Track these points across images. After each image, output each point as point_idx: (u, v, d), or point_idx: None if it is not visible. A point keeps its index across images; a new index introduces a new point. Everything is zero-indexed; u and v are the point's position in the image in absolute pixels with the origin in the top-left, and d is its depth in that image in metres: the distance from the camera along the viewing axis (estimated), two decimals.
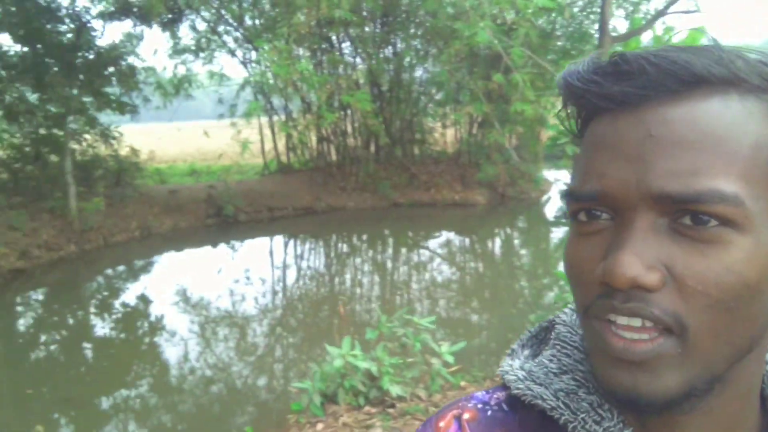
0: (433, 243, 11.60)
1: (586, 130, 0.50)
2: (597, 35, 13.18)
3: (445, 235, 12.04)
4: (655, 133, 0.44)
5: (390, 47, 14.88)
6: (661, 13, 13.35)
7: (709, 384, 0.46)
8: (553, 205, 14.36)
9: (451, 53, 11.71)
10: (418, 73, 15.48)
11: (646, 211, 0.44)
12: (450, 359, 3.89)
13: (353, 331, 4.40)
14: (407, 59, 14.78)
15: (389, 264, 10.29)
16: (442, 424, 0.59)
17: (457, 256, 10.74)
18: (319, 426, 3.58)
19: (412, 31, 14.62)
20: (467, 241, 11.73)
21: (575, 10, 14.33)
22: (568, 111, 0.52)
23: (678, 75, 0.44)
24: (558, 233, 12.60)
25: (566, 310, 0.63)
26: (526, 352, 0.63)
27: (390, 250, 11.29)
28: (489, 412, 0.58)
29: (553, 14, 13.14)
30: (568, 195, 0.49)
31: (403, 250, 11.13)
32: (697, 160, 0.42)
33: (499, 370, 0.61)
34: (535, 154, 14.76)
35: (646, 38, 17.24)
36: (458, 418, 0.58)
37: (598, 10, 12.97)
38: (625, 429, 0.50)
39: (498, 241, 12.04)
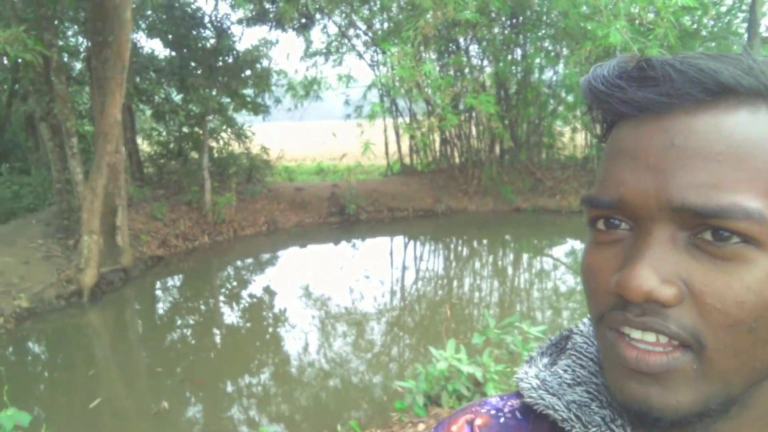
0: (556, 251, 11.19)
1: (609, 135, 0.49)
2: (747, 35, 12.16)
3: (570, 243, 11.58)
4: (678, 142, 0.42)
5: (518, 48, 14.55)
6: None
7: (725, 405, 0.44)
8: None
9: (582, 54, 11.24)
10: (548, 75, 15.01)
11: (665, 223, 0.43)
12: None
13: (464, 335, 4.33)
14: (536, 60, 14.38)
15: (509, 270, 10.07)
16: (454, 428, 0.59)
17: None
18: (421, 426, 3.56)
19: (542, 32, 14.21)
20: None
21: (722, 9, 13.23)
22: (593, 115, 0.51)
23: (704, 84, 0.42)
24: None
25: (585, 320, 0.61)
26: (545, 360, 0.62)
27: (510, 256, 11.03)
28: (502, 419, 0.58)
29: (698, 13, 12.22)
30: (587, 201, 0.48)
31: (525, 257, 10.84)
32: (721, 173, 0.41)
33: (515, 378, 0.60)
34: None
35: None
36: (470, 423, 0.59)
37: (748, 8, 11.95)
38: None
39: None
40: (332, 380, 5.64)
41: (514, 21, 13.98)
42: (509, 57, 14.34)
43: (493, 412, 0.60)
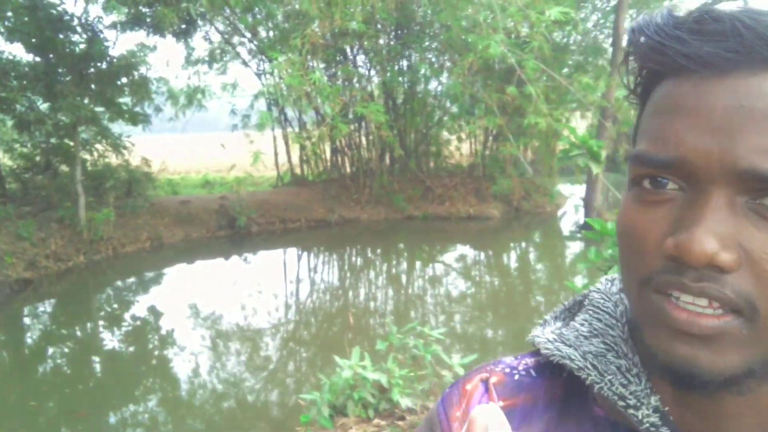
0: (447, 257, 11.43)
1: (655, 90, 0.47)
2: (611, 49, 13.14)
3: (460, 248, 11.87)
4: (747, 103, 0.41)
5: (404, 59, 14.82)
6: None
7: (766, 368, 0.45)
8: (568, 220, 14.16)
9: (464, 66, 11.61)
10: (433, 85, 15.41)
11: (725, 186, 0.41)
12: (461, 371, 3.85)
13: (365, 344, 4.26)
14: (422, 71, 14.71)
15: (403, 277, 10.13)
16: (469, 386, 0.60)
17: (472, 270, 10.56)
18: None
19: (426, 43, 14.57)
20: (482, 254, 11.56)
21: (589, 24, 14.22)
22: (629, 67, 0.49)
23: None
24: (574, 248, 12.39)
25: (602, 279, 0.62)
26: (558, 324, 0.62)
27: (404, 264, 11.13)
28: (516, 377, 0.59)
29: (567, 28, 13.04)
30: (635, 158, 0.46)
31: (417, 264, 10.97)
32: None
33: (530, 336, 0.61)
34: (550, 167, 14.62)
35: None
36: (485, 381, 0.59)
37: (611, 24, 12.92)
38: (653, 395, 0.49)
39: (513, 255, 11.86)
40: (227, 402, 5.36)
41: (400, 32, 14.23)
42: (396, 67, 14.57)
43: (507, 370, 0.60)
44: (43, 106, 11.06)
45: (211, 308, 8.06)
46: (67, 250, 9.96)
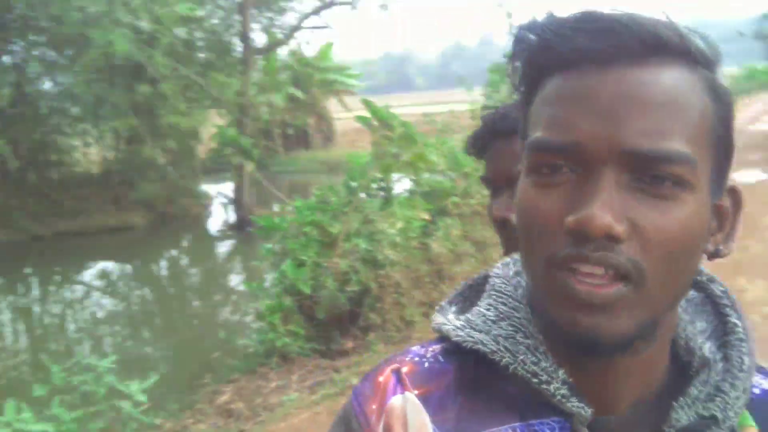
0: (88, 275, 10.32)
1: (543, 83, 0.51)
2: (240, 47, 13.52)
3: (102, 265, 10.82)
4: (628, 92, 0.47)
5: (8, 56, 12.73)
6: (296, 28, 14.36)
7: (651, 329, 0.51)
8: (216, 220, 14.11)
9: (86, 63, 10.56)
10: (47, 85, 13.61)
11: (614, 165, 0.47)
12: (142, 398, 3.66)
13: (20, 393, 3.55)
14: (30, 70, 12.86)
15: (37, 308, 8.77)
16: (381, 378, 0.60)
17: (121, 287, 9.75)
18: None
19: (34, 37, 12.77)
20: (129, 267, 10.76)
21: (215, 21, 14.28)
22: (515, 65, 0.54)
23: (645, 39, 0.47)
24: (224, 247, 12.46)
25: (499, 264, 0.65)
26: (454, 308, 0.66)
27: (36, 292, 9.66)
28: (426, 364, 0.60)
29: (192, 25, 12.91)
30: (533, 145, 0.50)
31: (53, 289, 9.63)
32: (664, 122, 0.47)
33: (433, 325, 0.63)
34: (192, 168, 14.35)
35: (284, 51, 18.47)
36: (397, 372, 0.59)
37: (237, 23, 13.30)
38: (559, 369, 0.54)
39: (164, 264, 11.34)
40: None
41: None
42: None
43: (416, 359, 0.61)
44: None
45: None
46: None
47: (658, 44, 0.48)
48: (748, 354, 0.59)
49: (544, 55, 0.50)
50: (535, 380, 0.54)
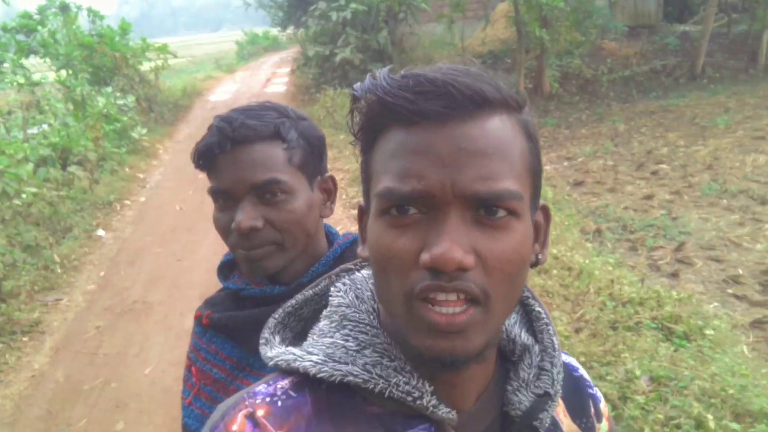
0: None
1: (383, 136, 0.58)
2: None
3: None
4: (464, 145, 0.54)
5: None
6: None
7: (493, 341, 0.62)
8: None
9: None
10: None
11: (458, 206, 0.54)
12: None
13: None
14: None
15: None
16: (235, 427, 0.59)
17: None
18: None
19: None
20: None
21: None
22: (354, 120, 0.60)
23: (474, 98, 0.54)
24: None
25: (334, 294, 0.69)
26: (278, 338, 0.70)
27: None
28: (279, 403, 0.61)
29: None
30: (384, 194, 0.56)
31: None
32: (494, 166, 0.54)
33: (279, 360, 0.65)
34: None
35: None
36: (251, 417, 0.59)
37: None
38: (426, 383, 0.60)
39: None
40: None
41: None
42: None
43: (268, 398, 0.61)
44: None
45: None
46: None
47: (484, 101, 0.55)
48: (555, 334, 0.72)
49: (388, 114, 0.56)
50: (409, 398, 0.60)
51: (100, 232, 6.60)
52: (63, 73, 11.71)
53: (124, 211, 7.41)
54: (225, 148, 1.00)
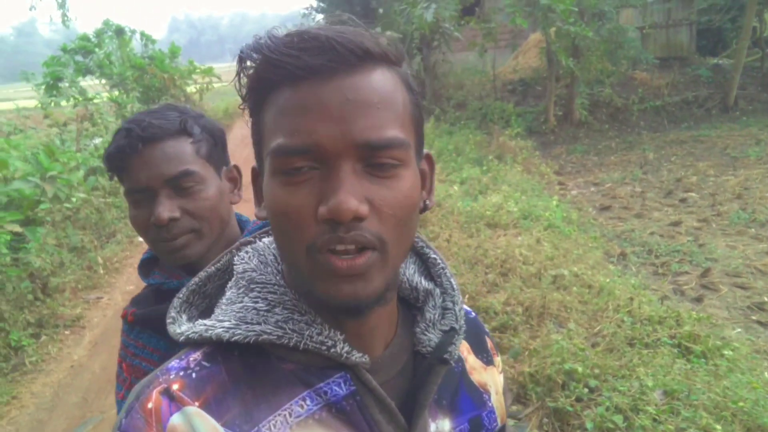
0: None
1: (271, 96, 0.59)
2: None
3: None
4: (351, 97, 0.55)
5: None
6: None
7: (395, 280, 0.65)
8: None
9: None
10: None
11: (349, 158, 0.56)
12: None
13: None
14: None
15: None
16: (150, 405, 0.58)
17: None
18: None
19: None
20: None
21: None
22: (241, 80, 0.61)
23: (356, 51, 0.56)
24: None
25: (238, 261, 0.70)
26: (184, 316, 0.70)
27: None
28: (193, 375, 0.61)
29: None
30: (276, 151, 0.57)
31: None
32: (381, 116, 0.56)
33: (187, 335, 0.65)
34: None
35: None
36: (166, 392, 0.59)
37: None
38: (337, 332, 0.63)
39: None
40: None
41: None
42: None
43: (182, 373, 0.61)
44: None
45: None
46: None
47: (365, 54, 0.57)
48: (452, 276, 0.76)
49: (274, 72, 0.57)
50: (324, 348, 0.62)
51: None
52: (116, 91, 12.30)
53: None
54: (136, 148, 1.04)
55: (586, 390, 3.15)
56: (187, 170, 1.06)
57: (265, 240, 0.73)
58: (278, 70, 0.56)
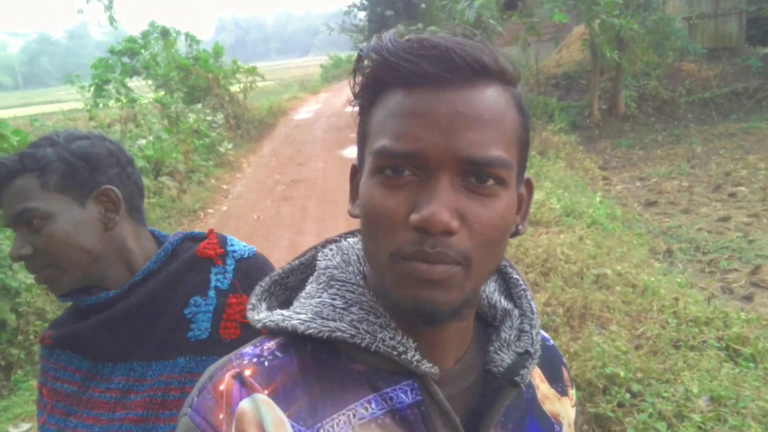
0: None
1: (383, 97, 0.60)
2: None
3: None
4: (461, 110, 0.56)
5: None
6: None
7: (475, 298, 0.65)
8: None
9: None
10: None
11: (449, 171, 0.56)
12: None
13: None
14: None
15: None
16: (222, 387, 0.60)
17: None
18: None
19: None
20: None
21: None
22: (356, 80, 0.62)
23: (473, 65, 0.56)
24: None
25: (321, 257, 0.71)
26: (264, 305, 0.71)
27: None
28: (266, 363, 0.62)
29: None
30: (379, 152, 0.57)
31: None
32: (488, 134, 0.56)
33: (267, 322, 0.66)
34: None
35: None
36: (238, 377, 0.61)
37: None
38: (410, 339, 0.63)
39: None
40: None
41: None
42: None
43: (255, 359, 0.63)
44: None
45: None
46: None
47: (482, 68, 0.57)
48: (532, 299, 0.75)
49: (390, 74, 0.58)
50: (395, 353, 0.62)
51: None
52: (161, 92, 12.59)
53: (207, 219, 7.89)
54: None
55: (628, 395, 3.09)
56: (24, 208, 1.04)
57: (350, 240, 0.74)
58: (394, 72, 0.57)
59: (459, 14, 11.02)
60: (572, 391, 0.82)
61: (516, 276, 0.76)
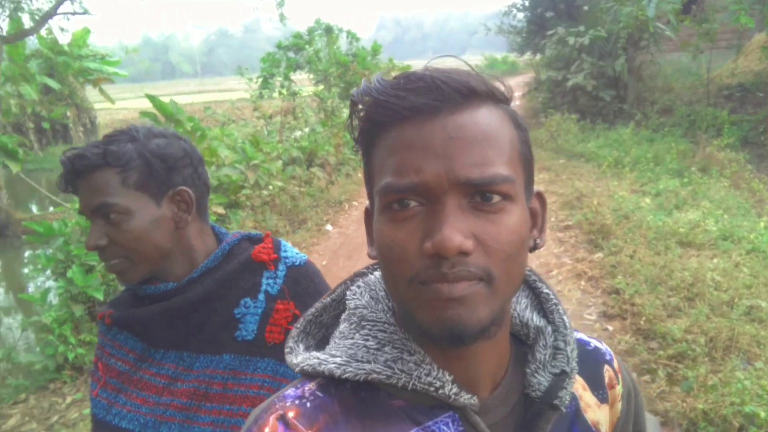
0: None
1: (381, 136, 0.61)
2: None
3: None
4: (454, 135, 0.57)
5: None
6: (49, 15, 12.81)
7: (502, 314, 0.63)
8: None
9: None
10: None
11: (454, 194, 0.57)
12: None
13: None
14: None
15: None
16: (267, 430, 0.61)
17: None
18: None
19: None
20: None
21: None
22: (353, 123, 0.64)
23: (461, 90, 0.58)
24: None
25: (350, 296, 0.72)
26: (302, 346, 0.72)
27: None
28: (308, 404, 0.63)
29: None
30: (385, 190, 0.59)
31: None
32: (484, 153, 0.57)
33: (302, 366, 0.67)
34: None
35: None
36: (282, 419, 0.62)
37: None
38: (446, 372, 0.63)
39: None
40: None
41: None
42: None
43: (297, 401, 0.64)
44: None
45: None
46: None
47: (471, 92, 0.58)
48: (565, 313, 0.73)
49: (382, 113, 0.59)
50: (432, 389, 0.62)
51: (329, 227, 7.40)
52: (320, 86, 13.33)
53: (351, 211, 8.20)
54: (71, 182, 1.11)
55: None
56: (104, 202, 1.08)
57: (377, 274, 0.74)
58: (386, 110, 0.59)
59: (625, 17, 10.46)
60: (616, 389, 0.79)
61: (546, 290, 0.75)
